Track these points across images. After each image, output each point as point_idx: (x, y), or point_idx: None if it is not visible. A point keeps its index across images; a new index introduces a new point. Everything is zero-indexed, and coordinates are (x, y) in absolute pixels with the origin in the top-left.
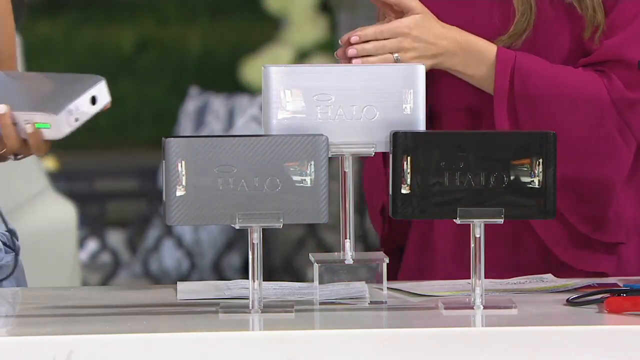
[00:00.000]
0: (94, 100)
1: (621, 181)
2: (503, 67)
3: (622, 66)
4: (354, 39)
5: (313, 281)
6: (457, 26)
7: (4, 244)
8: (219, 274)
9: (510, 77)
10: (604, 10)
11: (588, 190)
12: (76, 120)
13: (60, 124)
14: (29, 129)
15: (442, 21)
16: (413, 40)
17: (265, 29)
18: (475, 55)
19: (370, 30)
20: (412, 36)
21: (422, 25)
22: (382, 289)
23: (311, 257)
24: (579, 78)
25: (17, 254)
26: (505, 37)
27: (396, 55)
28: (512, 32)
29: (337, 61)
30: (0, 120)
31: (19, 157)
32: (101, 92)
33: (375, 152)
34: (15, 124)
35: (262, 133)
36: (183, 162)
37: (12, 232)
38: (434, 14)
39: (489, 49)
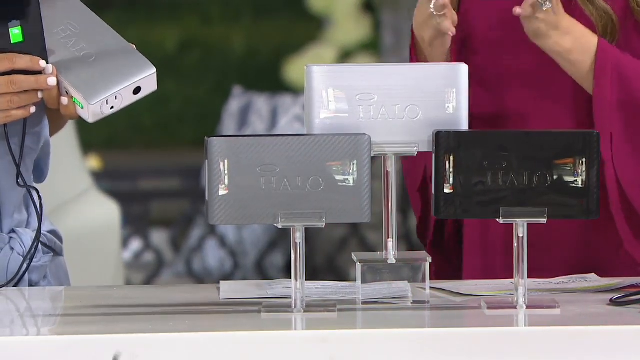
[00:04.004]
0: (137, 90)
1: None
2: (604, 58)
3: None
4: None
5: (356, 280)
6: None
7: (44, 244)
8: (262, 273)
9: (610, 72)
10: None
11: None
12: (111, 108)
13: (92, 111)
14: (64, 100)
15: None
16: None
17: (308, 29)
18: (581, 40)
19: None
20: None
21: None
22: (424, 289)
23: (354, 256)
24: None
25: (59, 255)
26: None
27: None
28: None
29: (380, 61)
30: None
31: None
32: (148, 83)
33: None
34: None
35: (305, 132)
36: (226, 162)
37: (54, 233)
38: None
39: (592, 37)
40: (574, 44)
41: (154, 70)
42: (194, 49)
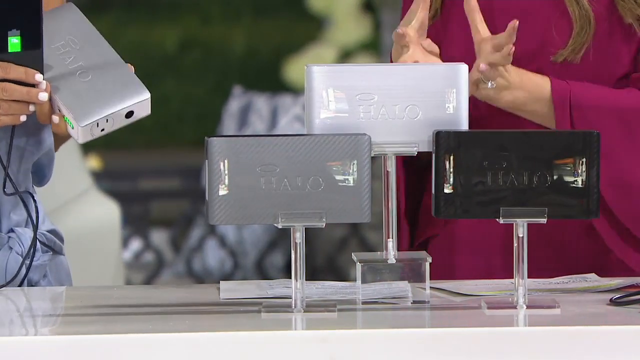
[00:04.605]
0: (129, 114)
1: None
2: (561, 103)
3: None
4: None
5: (356, 280)
6: (517, 40)
7: (43, 244)
8: (262, 273)
9: (569, 114)
10: None
11: None
12: (102, 130)
13: (82, 133)
14: (55, 119)
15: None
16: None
17: (308, 29)
18: (533, 90)
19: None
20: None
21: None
22: (424, 289)
23: (354, 256)
24: (631, 101)
25: (59, 254)
26: (566, 51)
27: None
28: (571, 47)
29: (380, 61)
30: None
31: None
32: (141, 107)
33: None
34: (51, 100)
35: (305, 132)
36: (226, 162)
37: (53, 232)
38: (493, 32)
39: (544, 84)
40: (527, 96)
41: (148, 95)
42: (194, 49)
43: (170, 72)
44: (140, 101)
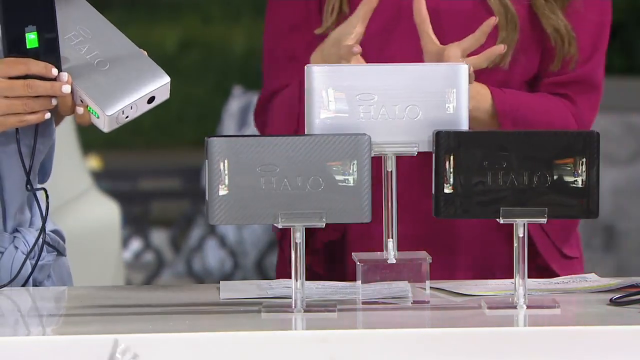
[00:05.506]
0: (151, 100)
1: None
2: (504, 110)
3: (587, 89)
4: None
5: (356, 280)
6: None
7: (48, 244)
8: (262, 273)
9: (512, 118)
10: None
11: None
12: (126, 117)
13: (108, 122)
14: (80, 110)
15: (439, 40)
16: None
17: None
18: (478, 98)
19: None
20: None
21: None
22: (424, 289)
23: (354, 256)
24: (552, 108)
25: (62, 254)
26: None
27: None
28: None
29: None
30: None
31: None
32: (162, 92)
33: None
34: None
35: (305, 132)
36: (226, 162)
37: (57, 233)
38: (439, 35)
39: (484, 92)
40: (473, 103)
41: (168, 79)
42: (194, 49)
43: (170, 72)
44: (161, 85)
